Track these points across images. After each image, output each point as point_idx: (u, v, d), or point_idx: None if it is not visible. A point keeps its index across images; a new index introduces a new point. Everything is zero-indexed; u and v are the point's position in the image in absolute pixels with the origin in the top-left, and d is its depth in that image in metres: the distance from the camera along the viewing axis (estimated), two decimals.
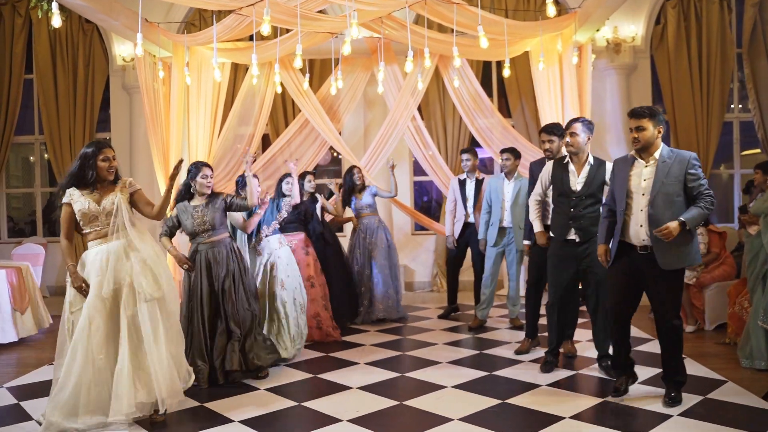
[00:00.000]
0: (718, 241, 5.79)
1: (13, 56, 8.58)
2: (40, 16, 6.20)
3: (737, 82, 8.50)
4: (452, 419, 3.58)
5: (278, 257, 5.06)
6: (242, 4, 5.67)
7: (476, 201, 6.23)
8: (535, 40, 6.80)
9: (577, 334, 5.02)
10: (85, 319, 3.48)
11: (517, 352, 4.97)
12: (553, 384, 4.22)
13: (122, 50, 8.39)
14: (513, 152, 5.80)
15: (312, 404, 3.92)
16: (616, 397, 3.87)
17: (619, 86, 8.13)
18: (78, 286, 3.54)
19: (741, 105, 8.58)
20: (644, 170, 3.69)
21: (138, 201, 3.77)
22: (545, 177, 4.49)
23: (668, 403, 3.67)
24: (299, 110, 7.79)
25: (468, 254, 6.43)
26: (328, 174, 9.35)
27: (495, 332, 5.84)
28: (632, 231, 3.70)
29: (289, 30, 6.48)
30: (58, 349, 3.63)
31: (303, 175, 6.06)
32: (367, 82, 7.86)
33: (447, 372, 4.57)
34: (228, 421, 3.64)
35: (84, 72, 8.47)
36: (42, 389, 4.16)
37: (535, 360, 4.76)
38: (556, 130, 4.75)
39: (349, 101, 7.87)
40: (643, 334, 5.46)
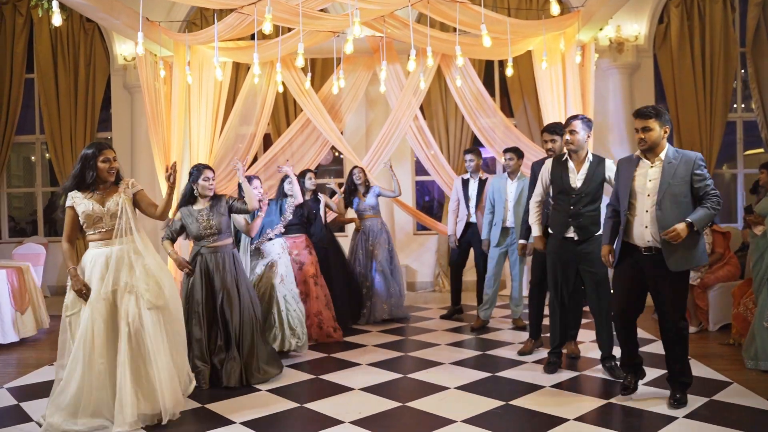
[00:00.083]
0: (723, 242, 5.77)
1: (14, 56, 8.57)
2: (41, 15, 6.18)
3: (740, 82, 8.47)
4: (455, 421, 3.55)
5: (279, 259, 5.07)
6: (244, 3, 5.65)
7: (478, 201, 6.20)
8: (538, 39, 6.76)
9: (581, 335, 4.99)
10: (88, 322, 3.46)
11: (520, 353, 4.95)
12: (557, 385, 4.19)
13: (123, 49, 8.37)
14: (516, 152, 5.77)
15: (314, 405, 3.89)
16: (625, 395, 3.86)
17: (622, 86, 8.10)
18: (78, 289, 3.51)
19: (744, 105, 8.54)
20: (650, 171, 3.65)
21: (141, 201, 3.74)
22: (545, 175, 4.47)
23: (673, 405, 3.65)
24: (301, 110, 7.77)
25: (471, 254, 6.41)
26: (330, 174, 9.33)
27: (498, 333, 5.81)
28: (636, 232, 3.67)
29: (291, 29, 6.45)
30: (60, 351, 3.62)
31: (303, 173, 6.05)
32: (369, 82, 7.83)
33: (449, 373, 4.55)
34: (229, 423, 3.62)
35: (85, 71, 8.46)
36: (42, 390, 4.14)
37: (538, 361, 4.74)
38: (559, 130, 4.71)
39: (351, 100, 7.84)
40: (647, 335, 5.42)
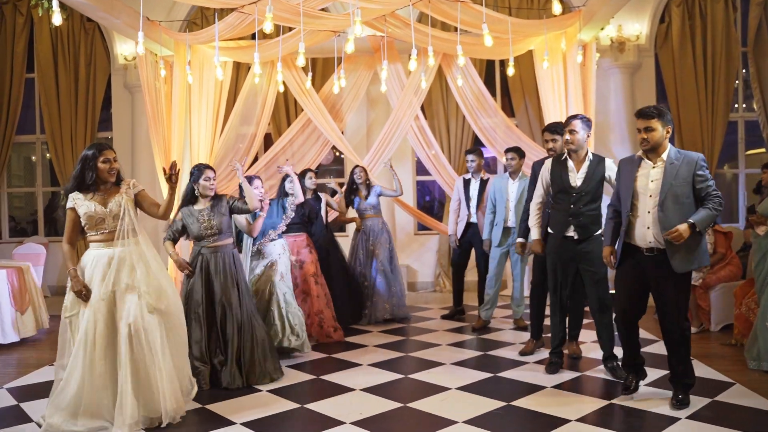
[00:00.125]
0: (724, 242, 5.75)
1: (15, 55, 8.55)
2: (41, 14, 6.16)
3: (742, 81, 8.45)
4: (456, 422, 3.54)
5: (279, 259, 5.07)
6: (244, 2, 5.64)
7: (479, 201, 6.18)
8: (539, 39, 6.74)
9: (582, 335, 4.97)
10: (89, 323, 3.45)
11: (522, 354, 4.94)
12: (559, 386, 4.18)
13: (124, 49, 8.36)
14: (518, 151, 5.76)
15: (315, 406, 3.88)
16: (626, 395, 3.85)
17: (623, 85, 8.08)
18: (78, 290, 3.50)
19: (745, 104, 8.52)
20: (652, 171, 3.63)
21: (143, 201, 3.73)
22: (545, 175, 4.46)
23: (676, 406, 3.63)
24: (301, 109, 7.75)
25: (472, 255, 6.39)
26: (331, 174, 9.32)
27: (499, 333, 5.80)
28: (638, 233, 3.65)
29: (292, 28, 6.44)
30: (59, 351, 3.60)
31: (304, 173, 6.03)
32: (370, 81, 7.81)
33: (451, 373, 4.53)
34: (230, 424, 3.61)
35: (85, 71, 8.44)
36: (42, 390, 4.13)
37: (540, 361, 4.72)
38: (560, 129, 4.69)
39: (352, 100, 7.83)
40: (649, 335, 5.40)
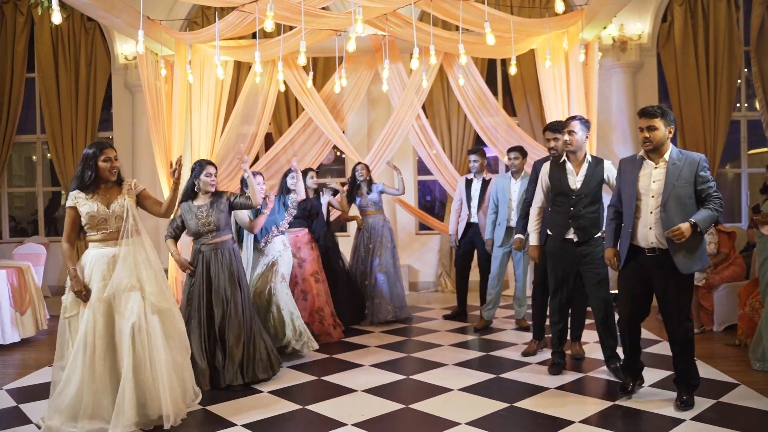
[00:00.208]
0: (728, 242, 5.71)
1: (15, 55, 8.53)
2: (41, 13, 6.13)
3: (744, 81, 8.42)
4: (459, 423, 3.51)
5: (281, 257, 5.04)
6: (245, 1, 5.62)
7: (480, 201, 6.16)
8: (541, 38, 6.71)
9: (585, 336, 4.94)
10: (89, 323, 3.42)
11: (524, 354, 4.91)
12: (562, 387, 4.15)
13: (124, 48, 8.34)
14: (521, 151, 5.73)
15: (316, 407, 3.85)
16: (624, 396, 3.83)
17: (626, 84, 8.04)
18: (78, 290, 3.47)
19: (747, 104, 8.49)
20: (654, 172, 3.61)
21: (145, 200, 3.72)
22: (544, 178, 4.42)
23: (680, 407, 3.61)
24: (302, 109, 7.73)
25: (474, 255, 6.36)
26: (332, 173, 9.29)
27: (501, 333, 5.77)
28: (640, 233, 3.63)
29: (293, 27, 6.42)
30: (58, 352, 3.58)
31: (305, 172, 6.01)
32: (371, 81, 7.78)
33: (453, 374, 4.50)
34: (231, 425, 3.58)
35: (86, 71, 8.42)
36: (42, 391, 4.11)
37: (543, 362, 4.69)
38: (561, 128, 4.67)
39: (353, 100, 7.80)
40: (652, 336, 5.38)
